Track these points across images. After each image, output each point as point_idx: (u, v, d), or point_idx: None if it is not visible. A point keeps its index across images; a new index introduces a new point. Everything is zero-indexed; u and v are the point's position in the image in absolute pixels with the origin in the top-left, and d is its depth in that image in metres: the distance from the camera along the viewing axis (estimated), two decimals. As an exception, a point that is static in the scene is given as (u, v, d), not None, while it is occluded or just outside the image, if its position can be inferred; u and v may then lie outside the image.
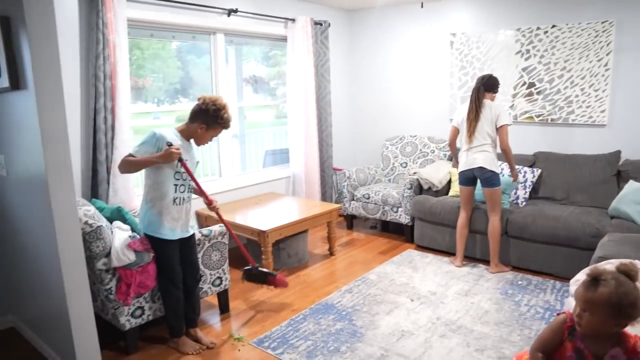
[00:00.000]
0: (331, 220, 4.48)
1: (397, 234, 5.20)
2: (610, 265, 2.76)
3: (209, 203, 3.10)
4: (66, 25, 3.45)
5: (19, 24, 2.37)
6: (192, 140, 2.95)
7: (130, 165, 2.74)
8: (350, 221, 5.50)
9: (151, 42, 4.54)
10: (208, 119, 2.82)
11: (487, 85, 4.03)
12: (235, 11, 4.60)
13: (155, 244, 2.88)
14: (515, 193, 4.49)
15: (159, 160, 2.70)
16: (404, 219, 4.89)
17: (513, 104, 5.01)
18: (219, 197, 4.66)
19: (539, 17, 4.77)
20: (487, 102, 4.00)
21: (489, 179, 3.98)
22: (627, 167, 4.22)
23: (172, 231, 2.87)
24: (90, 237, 2.79)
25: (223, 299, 3.48)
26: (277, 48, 5.56)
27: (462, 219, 4.23)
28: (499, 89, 4.18)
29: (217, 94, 4.75)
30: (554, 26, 4.68)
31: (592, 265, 2.93)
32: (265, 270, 3.50)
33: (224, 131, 2.96)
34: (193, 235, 3.08)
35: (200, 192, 3.08)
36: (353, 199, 5.31)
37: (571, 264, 3.81)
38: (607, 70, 4.46)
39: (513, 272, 4.09)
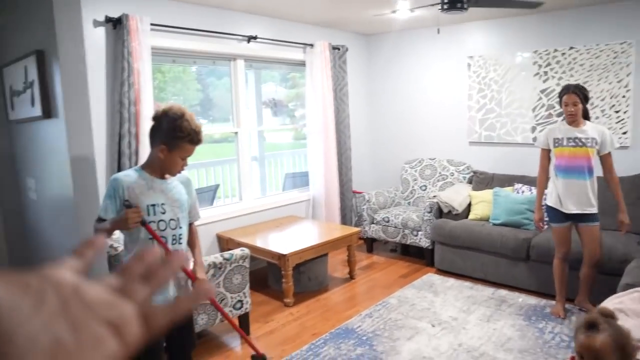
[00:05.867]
0: (351, 244, 4.49)
1: (418, 257, 5.18)
2: (636, 293, 2.72)
3: (192, 279, 2.19)
4: (94, 55, 3.57)
5: (52, 57, 2.48)
6: (170, 177, 2.26)
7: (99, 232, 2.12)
8: (370, 244, 5.49)
9: (172, 66, 4.65)
10: (164, 135, 2.09)
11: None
12: (255, 38, 4.69)
13: None
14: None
15: (114, 228, 2.11)
16: (424, 242, 4.87)
17: (534, 127, 5.00)
18: (239, 221, 4.70)
19: (555, 39, 4.80)
20: None
21: None
22: (651, 189, 4.17)
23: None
24: (115, 261, 2.85)
25: (243, 322, 3.49)
26: (296, 70, 5.65)
27: None
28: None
29: (238, 118, 4.81)
30: (571, 48, 4.69)
31: (619, 292, 2.89)
32: None
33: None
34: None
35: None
36: (373, 222, 5.31)
37: (596, 290, 3.74)
38: (627, 91, 4.45)
39: (537, 297, 4.03)
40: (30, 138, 3.03)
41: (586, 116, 3.58)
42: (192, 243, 2.44)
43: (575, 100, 3.44)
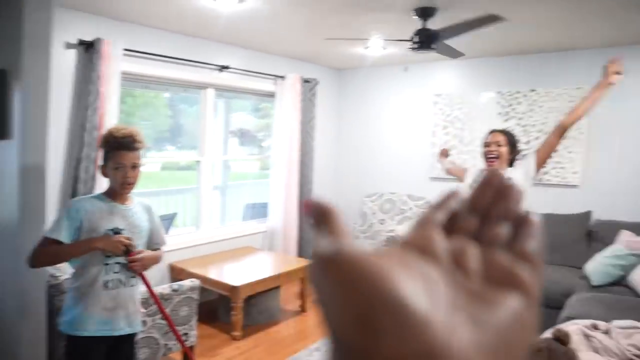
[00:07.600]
0: (305, 276, 4.46)
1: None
2: (574, 325, 2.76)
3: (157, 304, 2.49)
4: (60, 78, 3.50)
5: (14, 77, 2.45)
6: (132, 203, 2.22)
7: (49, 257, 2.06)
8: (327, 277, 5.43)
9: (145, 91, 4.64)
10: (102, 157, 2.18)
11: None
12: (227, 67, 4.71)
13: (77, 348, 2.08)
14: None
15: (97, 247, 2.03)
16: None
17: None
18: (196, 250, 4.64)
19: (518, 82, 4.97)
20: None
21: None
22: (597, 227, 4.29)
23: (103, 325, 2.08)
24: (54, 291, 2.76)
25: (188, 356, 3.41)
26: (267, 101, 5.69)
27: None
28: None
29: (204, 146, 4.78)
30: (532, 90, 4.86)
31: (558, 324, 2.92)
32: None
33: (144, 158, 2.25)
34: (134, 335, 2.27)
35: (149, 292, 2.34)
36: (330, 255, 5.27)
37: (542, 323, 3.76)
38: (581, 133, 4.58)
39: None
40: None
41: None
42: None
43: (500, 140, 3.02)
